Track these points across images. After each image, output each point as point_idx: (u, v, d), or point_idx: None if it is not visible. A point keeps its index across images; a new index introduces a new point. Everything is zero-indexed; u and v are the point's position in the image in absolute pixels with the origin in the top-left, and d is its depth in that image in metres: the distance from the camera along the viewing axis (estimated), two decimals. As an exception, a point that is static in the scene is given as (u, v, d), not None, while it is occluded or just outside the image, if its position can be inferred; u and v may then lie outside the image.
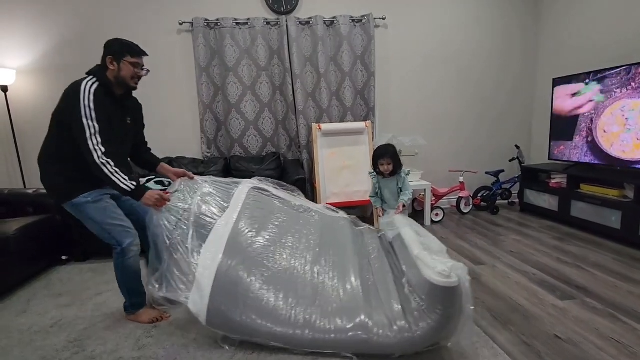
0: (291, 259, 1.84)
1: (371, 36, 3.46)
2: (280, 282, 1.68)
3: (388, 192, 2.47)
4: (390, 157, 2.36)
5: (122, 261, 1.74)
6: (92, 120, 1.56)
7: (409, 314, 1.49)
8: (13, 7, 3.11)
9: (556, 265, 2.39)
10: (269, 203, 2.17)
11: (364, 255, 2.03)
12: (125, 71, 1.69)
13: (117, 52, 1.67)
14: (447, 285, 1.34)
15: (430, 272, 1.41)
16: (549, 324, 1.72)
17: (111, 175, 1.59)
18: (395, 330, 1.46)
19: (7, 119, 3.14)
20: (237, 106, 3.41)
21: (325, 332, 1.50)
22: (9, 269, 2.25)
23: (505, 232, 3.11)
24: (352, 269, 1.82)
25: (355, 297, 1.63)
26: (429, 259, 1.51)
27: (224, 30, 3.27)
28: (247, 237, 1.83)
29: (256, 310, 1.55)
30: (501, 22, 3.81)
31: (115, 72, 1.68)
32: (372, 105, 3.58)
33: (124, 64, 1.68)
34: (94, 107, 1.56)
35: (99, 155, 1.57)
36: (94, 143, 1.56)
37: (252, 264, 1.71)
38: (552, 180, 3.35)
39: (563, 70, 3.52)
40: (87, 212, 1.69)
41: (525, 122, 4.07)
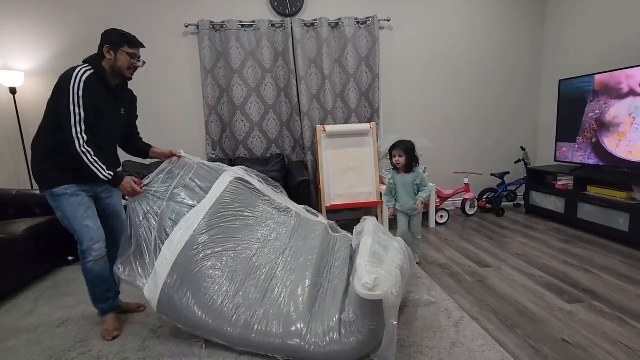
0: (252, 259, 1.85)
1: (376, 38, 3.46)
2: (232, 282, 1.71)
3: (403, 189, 2.42)
4: (403, 149, 2.33)
5: (82, 263, 1.73)
6: (78, 108, 1.55)
7: (343, 326, 1.49)
8: (21, 11, 3.15)
9: (563, 268, 2.37)
10: (246, 198, 2.11)
11: (327, 262, 1.99)
12: (122, 61, 1.68)
13: (114, 41, 1.67)
14: (370, 298, 1.34)
15: (357, 283, 1.41)
16: (556, 328, 1.70)
17: (90, 164, 1.59)
18: (327, 341, 1.47)
19: (15, 121, 3.18)
20: (242, 108, 3.42)
21: (263, 335, 1.53)
22: (17, 269, 2.27)
23: (511, 235, 3.09)
24: (308, 276, 1.80)
25: (298, 305, 1.63)
26: (363, 268, 1.48)
27: (229, 33, 3.29)
28: (212, 234, 1.82)
29: (202, 305, 1.61)
30: (507, 23, 3.79)
31: (112, 62, 1.68)
32: (376, 106, 3.58)
33: (121, 53, 1.68)
34: (83, 95, 1.55)
35: (81, 143, 1.56)
36: (77, 130, 1.55)
37: (211, 261, 1.74)
38: (559, 182, 3.32)
39: (569, 72, 3.50)
40: (61, 203, 1.68)
41: (531, 123, 4.04)
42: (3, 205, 2.67)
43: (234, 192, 2.06)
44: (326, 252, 2.05)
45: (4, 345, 1.74)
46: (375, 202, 3.38)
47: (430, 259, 2.61)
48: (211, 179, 2.04)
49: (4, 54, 3.18)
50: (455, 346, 1.58)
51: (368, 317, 1.39)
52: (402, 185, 2.42)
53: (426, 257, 2.64)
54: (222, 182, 2.04)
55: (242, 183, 2.15)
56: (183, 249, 1.69)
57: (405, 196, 2.42)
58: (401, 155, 2.34)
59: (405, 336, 1.66)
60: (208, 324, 1.58)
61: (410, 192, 2.41)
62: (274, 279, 1.80)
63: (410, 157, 2.35)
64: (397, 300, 1.43)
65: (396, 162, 2.36)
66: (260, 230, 2.03)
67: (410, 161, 2.36)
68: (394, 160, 2.37)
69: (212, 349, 1.61)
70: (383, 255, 1.69)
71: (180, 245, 1.70)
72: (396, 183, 2.45)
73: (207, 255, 1.75)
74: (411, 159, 2.36)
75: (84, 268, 1.74)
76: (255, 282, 1.76)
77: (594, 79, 3.05)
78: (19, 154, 3.25)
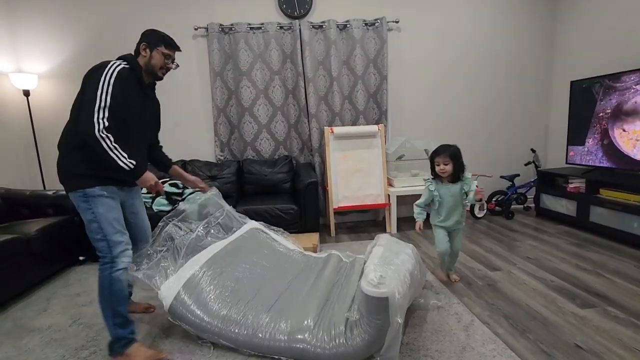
0: (265, 280, 1.95)
1: (384, 39, 3.45)
2: (244, 293, 1.80)
3: (451, 200, 2.08)
4: (449, 155, 2.01)
5: (109, 273, 1.56)
6: (105, 94, 1.50)
7: (349, 327, 1.49)
8: (35, 15, 3.22)
9: (575, 272, 2.33)
10: (263, 241, 2.31)
11: (338, 281, 1.97)
12: (156, 60, 1.70)
13: (152, 40, 1.69)
14: (374, 295, 1.35)
15: (363, 280, 1.42)
16: (569, 333, 1.67)
17: (110, 150, 1.49)
18: (333, 344, 1.47)
19: (28, 123, 3.24)
20: (250, 110, 3.44)
21: (269, 338, 1.55)
22: (30, 268, 2.31)
23: (521, 238, 3.05)
24: (318, 292, 1.83)
25: (306, 311, 1.65)
26: (371, 268, 1.49)
27: (238, 35, 3.31)
28: (229, 260, 1.99)
29: (209, 310, 1.65)
30: (518, 23, 3.75)
31: (146, 60, 1.69)
32: (384, 108, 3.57)
33: (156, 52, 1.70)
34: (114, 83, 1.52)
35: (100, 128, 1.47)
36: (99, 116, 1.48)
37: (226, 277, 1.86)
38: (570, 185, 3.27)
39: (581, 72, 3.45)
40: (95, 205, 1.57)
41: (542, 125, 3.99)
42: (17, 206, 2.71)
43: (252, 235, 2.29)
44: (338, 274, 2.04)
45: (18, 343, 1.77)
46: (383, 204, 3.37)
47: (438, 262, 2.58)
48: (236, 224, 2.28)
49: (18, 57, 3.25)
50: (466, 350, 1.56)
51: (373, 316, 1.39)
52: (449, 197, 2.08)
53: (435, 260, 2.62)
54: (242, 229, 2.29)
55: (262, 231, 2.39)
56: (205, 263, 1.86)
57: (451, 209, 2.09)
58: (447, 163, 2.01)
59: (414, 339, 1.65)
60: (216, 327, 1.60)
61: (458, 203, 2.08)
62: (284, 293, 1.85)
63: (458, 164, 2.02)
64: (403, 300, 1.43)
65: (441, 171, 2.03)
66: (272, 265, 2.12)
67: (458, 169, 2.03)
68: (438, 169, 2.04)
69: (220, 350, 1.62)
70: (394, 258, 1.69)
71: (203, 260, 1.88)
72: (441, 195, 2.10)
73: (223, 273, 1.87)
74: (459, 166, 2.02)
75: (110, 279, 1.56)
76: (265, 295, 1.81)
77: (607, 79, 3.00)
78: (32, 155, 3.31)
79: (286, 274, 2.05)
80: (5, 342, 1.78)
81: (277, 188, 3.36)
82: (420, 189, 3.34)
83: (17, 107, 3.25)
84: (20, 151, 3.29)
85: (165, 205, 2.86)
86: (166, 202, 2.87)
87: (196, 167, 3.33)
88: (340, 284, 1.92)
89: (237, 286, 1.83)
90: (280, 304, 1.74)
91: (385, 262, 1.61)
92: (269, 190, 3.36)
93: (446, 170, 2.00)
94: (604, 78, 3.03)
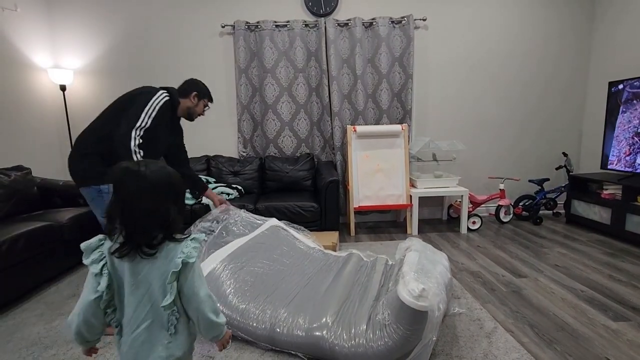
0: (283, 277, 1.95)
1: (410, 37, 3.39)
2: (262, 289, 1.81)
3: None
4: None
5: None
6: (148, 118, 1.74)
7: (371, 328, 1.45)
8: (71, 13, 3.37)
9: (608, 282, 2.21)
10: (284, 238, 2.33)
11: (359, 280, 1.96)
12: (199, 108, 2.03)
13: (203, 92, 2.01)
14: (413, 307, 1.30)
15: (402, 288, 1.37)
16: (599, 346, 1.59)
17: None
18: (351, 344, 1.44)
19: (64, 116, 3.40)
20: (273, 107, 3.47)
21: (287, 334, 1.54)
22: (62, 254, 2.42)
23: (550, 245, 2.92)
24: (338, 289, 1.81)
25: (325, 306, 1.64)
26: (411, 277, 1.44)
27: (263, 33, 3.34)
28: (250, 255, 2.03)
29: (230, 306, 1.68)
30: (552, 23, 3.59)
31: (192, 105, 1.99)
32: (408, 108, 3.51)
33: (202, 102, 2.03)
34: (157, 111, 1.76)
35: (136, 143, 1.70)
36: (136, 133, 1.71)
37: (246, 272, 1.89)
38: (605, 191, 3.11)
39: (620, 74, 3.26)
40: None
41: (575, 128, 3.81)
42: (51, 195, 2.85)
43: (273, 231, 2.33)
44: (358, 273, 2.03)
45: (49, 324, 1.86)
46: (404, 204, 3.31)
47: (461, 266, 2.52)
48: (254, 225, 2.34)
49: (56, 54, 3.41)
50: (487, 357, 1.51)
51: (404, 325, 1.35)
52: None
53: (456, 264, 2.55)
54: (265, 225, 2.36)
55: (283, 229, 2.42)
56: (225, 259, 1.92)
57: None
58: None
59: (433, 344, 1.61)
60: (235, 320, 1.62)
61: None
62: (303, 289, 1.85)
63: None
64: (439, 317, 1.39)
65: None
66: (292, 261, 2.13)
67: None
68: None
69: (239, 343, 1.64)
70: (432, 269, 1.63)
71: (224, 255, 1.94)
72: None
73: (245, 267, 1.93)
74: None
75: None
76: (284, 291, 1.82)
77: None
78: (66, 147, 3.46)
79: (306, 270, 2.05)
80: (38, 323, 1.88)
81: (298, 185, 3.38)
82: (444, 191, 3.31)
83: (54, 102, 3.41)
84: (55, 143, 3.46)
85: (189, 199, 2.92)
86: (189, 196, 2.92)
87: (219, 163, 3.40)
88: (361, 282, 1.90)
89: (256, 281, 1.85)
90: (299, 299, 1.74)
91: (424, 272, 1.55)
92: (290, 187, 3.38)
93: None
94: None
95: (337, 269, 2.06)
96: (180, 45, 3.43)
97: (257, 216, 2.45)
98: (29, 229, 2.17)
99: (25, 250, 2.10)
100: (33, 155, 3.17)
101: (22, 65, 3.08)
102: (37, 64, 3.23)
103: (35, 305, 2.06)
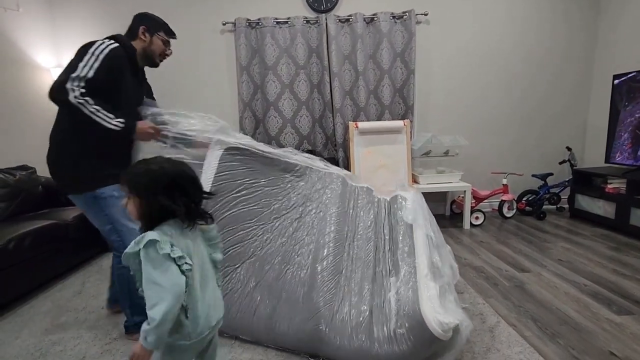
0: (265, 246, 1.71)
1: (412, 33, 3.37)
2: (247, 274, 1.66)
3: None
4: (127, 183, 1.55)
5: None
6: (89, 68, 1.37)
7: (376, 325, 1.40)
8: (74, 11, 3.38)
9: (612, 276, 2.20)
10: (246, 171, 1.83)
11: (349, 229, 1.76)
12: (157, 46, 1.64)
13: (153, 25, 1.64)
14: (441, 338, 1.27)
15: (431, 311, 1.30)
16: (603, 340, 1.59)
17: (92, 114, 1.36)
18: (354, 340, 1.41)
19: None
20: (275, 104, 3.47)
21: (284, 333, 1.50)
22: (67, 252, 2.45)
23: (553, 239, 2.91)
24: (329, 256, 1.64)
25: (319, 296, 1.53)
26: (435, 296, 1.37)
27: (264, 30, 3.34)
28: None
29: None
30: (556, 15, 3.55)
31: (146, 44, 1.61)
32: (410, 103, 3.50)
33: (157, 37, 1.64)
34: (102, 60, 1.40)
35: (76, 95, 1.33)
36: (73, 84, 1.34)
37: None
38: (609, 185, 3.09)
39: (625, 66, 3.23)
40: (107, 206, 1.52)
41: (579, 122, 3.78)
42: (55, 194, 2.88)
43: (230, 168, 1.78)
44: (346, 213, 1.82)
45: (57, 321, 1.89)
46: (407, 200, 3.30)
47: (464, 261, 2.52)
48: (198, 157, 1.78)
49: (58, 53, 3.43)
50: (490, 352, 1.52)
51: (420, 345, 1.31)
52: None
53: (460, 259, 2.55)
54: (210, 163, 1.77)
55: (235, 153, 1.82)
56: None
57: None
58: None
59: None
60: (233, 320, 1.58)
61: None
62: (290, 264, 1.67)
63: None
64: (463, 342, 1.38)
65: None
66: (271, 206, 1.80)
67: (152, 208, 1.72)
68: None
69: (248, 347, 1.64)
70: (441, 268, 1.57)
71: None
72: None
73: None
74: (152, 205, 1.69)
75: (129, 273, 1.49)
76: (271, 270, 1.67)
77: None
78: (71, 147, 3.49)
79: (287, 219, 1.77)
80: (45, 319, 1.91)
81: (300, 182, 3.37)
82: (447, 186, 3.30)
83: (57, 101, 3.43)
84: (59, 142, 3.48)
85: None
86: None
87: (222, 160, 3.40)
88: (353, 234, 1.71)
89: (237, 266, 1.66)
90: (289, 286, 1.61)
91: (437, 275, 1.51)
92: (292, 184, 3.37)
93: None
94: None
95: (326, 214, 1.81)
96: (182, 43, 3.39)
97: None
98: (35, 227, 2.20)
99: (32, 248, 2.13)
100: (37, 155, 3.18)
101: (25, 65, 3.10)
102: (40, 63, 3.25)
103: (42, 303, 2.09)
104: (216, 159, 1.75)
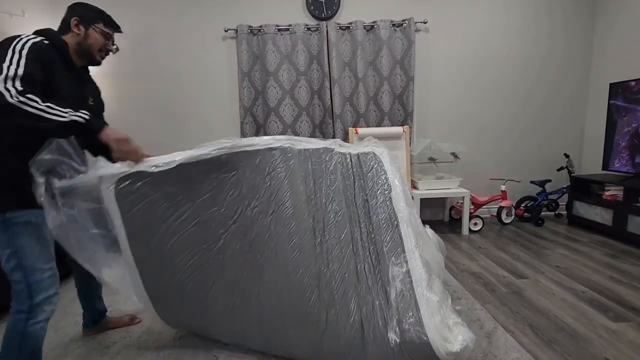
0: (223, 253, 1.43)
1: (412, 40, 3.42)
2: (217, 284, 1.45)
3: None
4: None
5: (24, 326, 1.21)
6: (16, 66, 1.12)
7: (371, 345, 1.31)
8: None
9: (609, 283, 2.22)
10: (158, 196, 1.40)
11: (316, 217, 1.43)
12: (94, 39, 1.38)
13: (86, 16, 1.37)
14: (441, 357, 1.23)
15: (435, 331, 1.25)
16: (599, 347, 1.60)
17: (43, 112, 1.09)
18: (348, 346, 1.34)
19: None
20: (276, 110, 3.50)
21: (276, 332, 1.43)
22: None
23: (551, 246, 2.93)
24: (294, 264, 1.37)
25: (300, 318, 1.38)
26: (438, 313, 1.31)
27: (266, 37, 3.38)
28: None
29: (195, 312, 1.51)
30: (554, 24, 3.61)
31: (80, 38, 1.36)
32: (410, 110, 3.54)
33: (93, 30, 1.37)
34: (27, 55, 1.15)
35: (13, 94, 1.06)
36: (7, 84, 1.07)
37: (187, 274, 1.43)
38: (607, 192, 3.11)
39: (621, 74, 3.27)
40: (19, 237, 1.20)
41: (577, 129, 3.82)
42: (58, 197, 2.90)
43: (136, 201, 1.37)
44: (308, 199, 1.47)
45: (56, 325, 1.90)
46: (406, 206, 3.33)
47: (462, 267, 2.54)
48: None
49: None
50: (487, 357, 1.53)
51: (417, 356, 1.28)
52: None
53: (458, 265, 2.57)
54: (109, 205, 1.36)
55: (134, 180, 1.35)
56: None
57: None
58: None
59: None
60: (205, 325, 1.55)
61: None
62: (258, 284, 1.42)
63: None
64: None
65: None
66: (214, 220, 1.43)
67: None
68: None
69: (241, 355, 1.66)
70: (436, 268, 1.51)
71: None
72: None
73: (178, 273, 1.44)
74: None
75: (23, 334, 1.22)
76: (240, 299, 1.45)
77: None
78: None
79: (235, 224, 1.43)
80: (46, 323, 1.92)
81: (300, 187, 3.39)
82: (446, 192, 3.33)
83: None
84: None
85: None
86: None
87: (222, 165, 3.42)
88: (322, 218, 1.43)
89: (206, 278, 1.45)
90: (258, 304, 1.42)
91: (431, 271, 1.45)
92: (292, 189, 3.38)
93: None
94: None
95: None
96: (184, 49, 3.47)
97: None
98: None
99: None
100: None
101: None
102: (44, 68, 3.28)
103: (42, 306, 2.10)
104: (113, 201, 1.35)
